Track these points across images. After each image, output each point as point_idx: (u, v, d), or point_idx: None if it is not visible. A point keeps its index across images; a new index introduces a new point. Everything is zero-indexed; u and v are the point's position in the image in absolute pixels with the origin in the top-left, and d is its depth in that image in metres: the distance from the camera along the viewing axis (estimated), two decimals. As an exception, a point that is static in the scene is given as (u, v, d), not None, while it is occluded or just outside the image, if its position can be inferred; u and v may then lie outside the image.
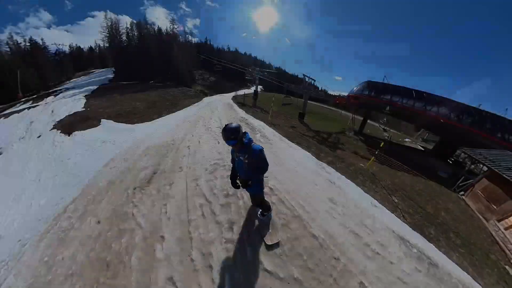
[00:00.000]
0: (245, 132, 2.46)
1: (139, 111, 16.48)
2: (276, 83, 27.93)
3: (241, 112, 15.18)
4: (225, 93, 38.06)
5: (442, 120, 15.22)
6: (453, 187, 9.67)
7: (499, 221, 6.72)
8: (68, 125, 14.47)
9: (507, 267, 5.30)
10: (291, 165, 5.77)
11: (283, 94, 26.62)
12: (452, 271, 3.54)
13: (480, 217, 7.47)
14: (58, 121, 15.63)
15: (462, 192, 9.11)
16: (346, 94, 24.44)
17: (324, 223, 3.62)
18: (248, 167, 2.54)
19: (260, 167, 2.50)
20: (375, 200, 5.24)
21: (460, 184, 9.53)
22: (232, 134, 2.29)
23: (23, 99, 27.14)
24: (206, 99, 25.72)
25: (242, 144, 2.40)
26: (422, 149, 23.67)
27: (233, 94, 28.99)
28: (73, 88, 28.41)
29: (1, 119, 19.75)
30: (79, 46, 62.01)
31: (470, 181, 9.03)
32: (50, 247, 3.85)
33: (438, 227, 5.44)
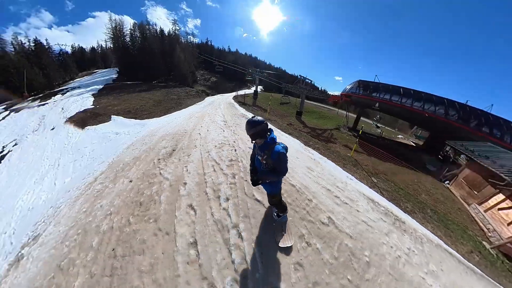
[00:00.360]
0: (271, 129, 2.31)
1: (146, 108, 17.52)
2: (275, 83, 28.96)
3: (242, 110, 16.26)
4: (226, 93, 39.11)
5: (427, 115, 16.40)
6: (439, 178, 10.54)
7: (479, 204, 7.47)
8: (80, 120, 15.45)
9: (484, 242, 5.98)
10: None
11: (282, 94, 27.96)
12: (418, 228, 4.54)
13: (463, 202, 8.09)
14: (69, 117, 16.58)
15: (447, 182, 10.00)
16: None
17: (301, 179, 4.69)
18: (265, 167, 2.37)
19: (277, 170, 2.29)
20: (352, 176, 6.28)
21: (446, 174, 10.40)
22: (253, 126, 2.18)
23: (30, 98, 28.05)
24: (208, 99, 26.85)
25: (264, 141, 2.26)
26: (414, 144, 24.71)
27: (234, 94, 30.13)
28: (79, 87, 29.41)
29: (12, 113, 20.67)
30: (81, 47, 63.18)
31: (455, 171, 10.05)
32: (87, 201, 4.76)
33: (416, 204, 6.07)
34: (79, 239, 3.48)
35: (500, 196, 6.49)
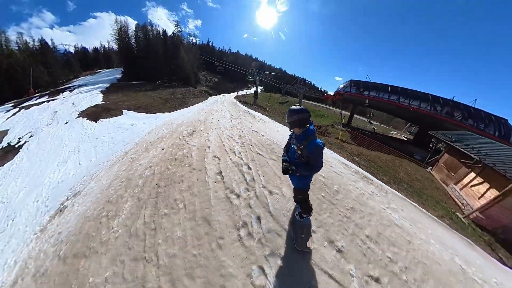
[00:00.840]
0: (311, 121, 2.26)
1: (155, 105, 18.58)
2: (274, 84, 30.53)
3: (244, 107, 17.44)
4: (227, 93, 40.40)
5: (411, 109, 18.14)
6: (423, 164, 11.68)
7: (456, 184, 8.52)
8: (93, 114, 16.42)
9: (458, 213, 6.90)
10: (274, 130, 8.27)
11: (281, 94, 29.47)
12: (384, 185, 5.67)
13: (442, 183, 9.16)
14: (81, 111, 17.53)
15: (430, 167, 11.23)
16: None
17: (277, 140, 6.14)
18: (299, 159, 2.31)
19: (311, 164, 2.24)
20: (334, 153, 7.46)
21: (429, 161, 11.62)
22: (295, 113, 2.16)
23: (37, 95, 28.92)
24: (211, 98, 28.05)
25: (303, 130, 2.23)
26: (405, 139, 26.39)
27: (235, 94, 31.41)
28: (85, 85, 30.36)
29: (23, 110, 21.51)
30: (84, 47, 64.30)
31: (436, 157, 11.26)
32: (124, 164, 5.83)
33: (393, 178, 7.09)
34: (125, 184, 4.56)
35: (472, 175, 7.66)
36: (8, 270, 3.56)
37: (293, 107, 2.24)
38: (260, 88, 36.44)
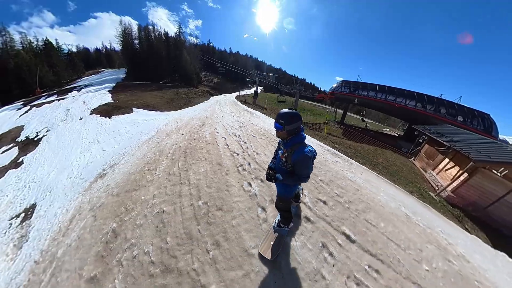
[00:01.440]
0: (301, 127, 2.06)
1: (162, 104, 19.84)
2: (273, 85, 32.21)
3: (244, 106, 18.78)
4: (228, 93, 41.73)
5: (397, 106, 19.90)
6: (407, 155, 12.78)
7: (433, 170, 9.66)
8: (105, 111, 17.65)
9: (431, 193, 7.84)
10: (267, 123, 10.04)
11: (278, 94, 31.27)
12: (351, 160, 6.95)
13: (422, 171, 10.27)
14: (93, 109, 18.76)
15: (413, 158, 12.43)
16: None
17: (268, 129, 7.71)
18: (283, 166, 2.16)
19: (297, 174, 2.05)
20: (316, 139, 8.81)
21: (412, 152, 12.93)
22: (281, 118, 1.95)
23: (45, 94, 30.08)
24: (213, 98, 29.37)
25: (290, 136, 2.03)
26: (396, 135, 28.08)
27: (236, 94, 32.68)
28: (91, 84, 31.57)
29: (34, 108, 22.73)
30: (86, 47, 65.54)
31: (418, 148, 12.46)
32: (152, 144, 7.20)
33: (369, 161, 8.04)
34: (158, 154, 5.95)
35: (446, 160, 8.97)
36: (63, 215, 4.89)
37: (283, 110, 2.02)
38: (260, 88, 37.76)
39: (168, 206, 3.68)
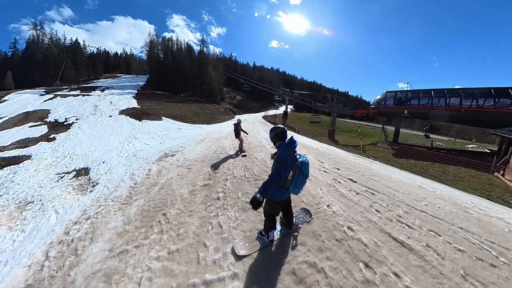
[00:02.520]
0: (284, 137, 2.62)
1: (188, 117, 21.54)
2: (305, 103, 30.91)
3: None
4: (252, 113, 42.26)
5: (463, 110, 16.53)
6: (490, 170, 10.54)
7: None
8: (134, 114, 18.99)
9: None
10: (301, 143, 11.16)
11: (312, 113, 28.69)
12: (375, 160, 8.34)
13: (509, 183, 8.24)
14: (122, 110, 20.10)
15: (501, 172, 9.82)
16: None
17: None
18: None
19: (271, 172, 2.53)
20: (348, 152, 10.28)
21: (496, 165, 10.40)
22: (269, 132, 2.77)
23: (66, 87, 31.25)
24: (238, 117, 30.58)
25: (278, 143, 2.60)
26: (488, 151, 22.81)
27: (262, 113, 34.04)
28: (112, 87, 33.44)
29: (59, 97, 23.70)
30: (106, 50, 69.22)
31: (505, 157, 10.25)
32: (209, 143, 9.25)
33: (412, 169, 8.73)
34: (221, 149, 8.25)
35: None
36: (142, 172, 6.41)
37: (273, 126, 2.83)
38: (290, 108, 36.52)
39: (248, 163, 6.38)
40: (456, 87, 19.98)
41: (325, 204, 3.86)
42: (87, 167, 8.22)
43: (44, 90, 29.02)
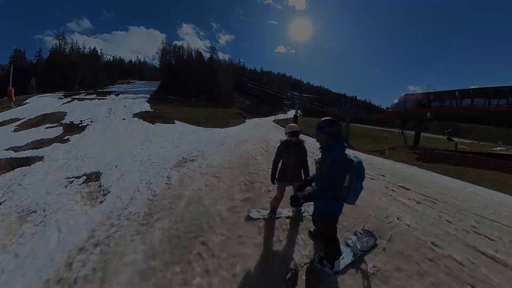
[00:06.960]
0: (341, 135, 2.00)
1: (200, 120, 20.96)
2: (316, 107, 29.65)
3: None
4: (261, 117, 42.23)
5: (493, 110, 15.28)
6: None
7: None
8: (147, 117, 18.60)
9: None
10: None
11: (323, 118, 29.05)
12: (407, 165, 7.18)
13: None
14: (135, 113, 19.81)
15: None
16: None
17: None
18: (316, 176, 2.14)
19: (324, 181, 1.91)
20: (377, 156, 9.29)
21: None
22: (321, 123, 1.98)
23: (83, 92, 31.91)
24: (249, 121, 30.49)
25: (331, 142, 1.94)
26: None
27: (272, 118, 34.16)
28: (126, 92, 33.73)
29: (76, 101, 23.99)
30: (121, 58, 71.48)
31: None
32: (230, 147, 8.64)
33: (467, 180, 7.64)
34: (246, 153, 7.38)
35: None
36: (160, 180, 5.54)
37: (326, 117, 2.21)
38: (298, 112, 35.78)
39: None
40: (472, 87, 18.59)
41: (394, 216, 3.41)
42: (99, 171, 7.60)
43: (63, 94, 29.91)
